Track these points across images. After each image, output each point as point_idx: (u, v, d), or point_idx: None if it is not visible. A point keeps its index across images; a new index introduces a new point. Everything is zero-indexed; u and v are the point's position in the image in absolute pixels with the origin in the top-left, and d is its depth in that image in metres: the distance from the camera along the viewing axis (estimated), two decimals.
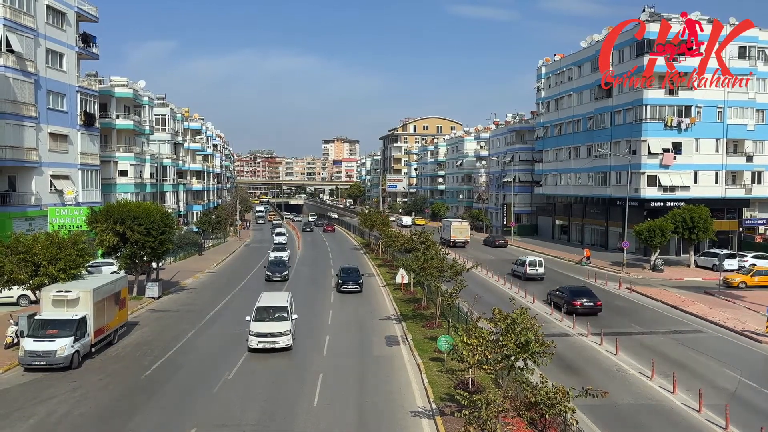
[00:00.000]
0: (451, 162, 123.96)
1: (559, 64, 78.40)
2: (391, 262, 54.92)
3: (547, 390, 16.53)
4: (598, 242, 70.24)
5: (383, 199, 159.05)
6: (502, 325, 18.32)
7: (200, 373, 24.35)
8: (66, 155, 47.71)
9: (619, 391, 22.70)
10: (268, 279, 46.85)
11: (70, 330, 24.76)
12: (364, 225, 74.75)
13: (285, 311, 28.48)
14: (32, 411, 20.16)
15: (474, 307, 30.74)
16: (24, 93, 42.70)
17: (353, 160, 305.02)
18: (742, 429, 19.41)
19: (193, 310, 36.61)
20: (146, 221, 37.37)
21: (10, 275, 28.82)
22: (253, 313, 28.03)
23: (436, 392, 21.74)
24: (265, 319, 27.74)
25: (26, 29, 43.04)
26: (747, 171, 62.90)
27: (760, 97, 62.06)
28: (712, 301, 39.92)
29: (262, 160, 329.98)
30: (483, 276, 49.81)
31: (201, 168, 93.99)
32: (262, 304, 29.09)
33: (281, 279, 46.89)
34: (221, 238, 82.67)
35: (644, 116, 59.89)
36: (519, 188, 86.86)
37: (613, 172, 65.28)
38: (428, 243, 38.88)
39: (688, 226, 50.97)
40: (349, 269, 45.23)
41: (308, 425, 19.27)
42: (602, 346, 29.01)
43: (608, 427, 19.55)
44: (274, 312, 28.35)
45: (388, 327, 32.61)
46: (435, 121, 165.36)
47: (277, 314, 28.21)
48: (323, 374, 24.09)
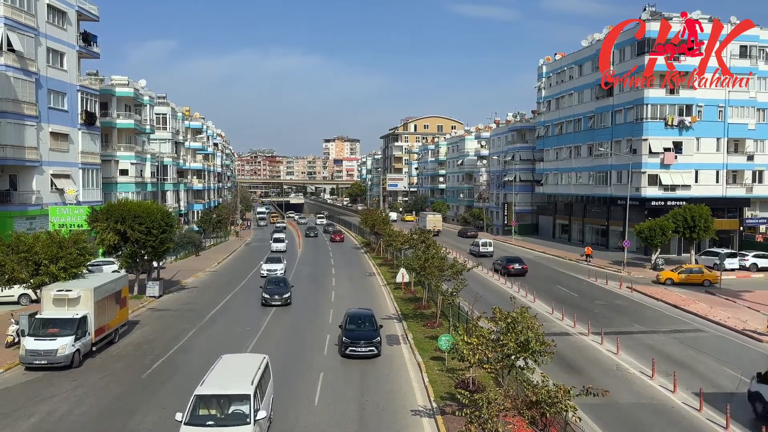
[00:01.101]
0: (451, 161, 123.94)
1: (559, 63, 78.35)
2: (392, 262, 54.92)
3: (548, 389, 16.53)
4: (598, 241, 70.21)
5: (384, 198, 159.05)
6: (503, 324, 18.32)
7: (201, 373, 24.18)
8: (67, 154, 47.72)
9: (620, 390, 22.70)
10: (266, 303, 37.06)
11: (70, 329, 24.78)
12: (365, 224, 74.77)
13: (242, 403, 16.16)
14: (33, 410, 20.18)
15: (474, 306, 30.74)
16: (25, 92, 42.71)
17: (354, 160, 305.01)
18: (743, 428, 19.41)
19: (194, 309, 36.63)
20: (147, 220, 37.37)
21: (11, 274, 28.86)
22: (188, 409, 16.19)
23: (436, 391, 21.75)
24: (206, 424, 15.86)
25: (27, 28, 43.04)
26: (748, 170, 62.86)
27: (761, 96, 61.98)
28: (713, 300, 39.92)
29: (263, 159, 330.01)
30: (483, 275, 49.82)
31: (202, 167, 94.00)
32: (206, 390, 16.70)
33: (282, 303, 37.17)
34: (222, 237, 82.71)
35: (645, 115, 59.85)
36: (520, 187, 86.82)
37: (614, 172, 65.25)
38: (428, 242, 38.84)
39: (688, 226, 50.96)
40: (360, 316, 28.40)
41: (309, 424, 19.28)
42: (603, 345, 29.01)
43: (609, 426, 19.56)
44: (224, 406, 16.28)
45: (389, 326, 32.60)
46: (436, 120, 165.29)
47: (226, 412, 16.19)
48: (324, 373, 24.10)
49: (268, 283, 38.89)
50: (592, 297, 41.62)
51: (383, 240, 60.55)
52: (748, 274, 50.29)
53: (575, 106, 73.78)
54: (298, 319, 34.27)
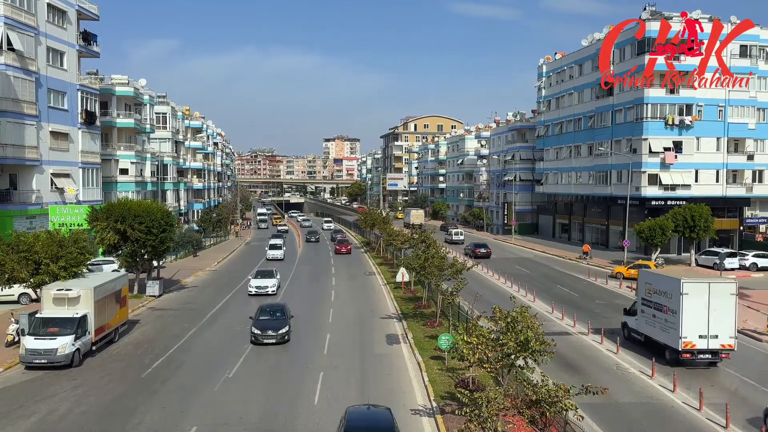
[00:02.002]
0: (451, 160, 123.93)
1: (560, 62, 78.32)
2: (392, 261, 54.94)
3: (548, 388, 16.55)
4: (598, 241, 70.21)
5: (384, 198, 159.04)
6: (503, 323, 18.33)
7: (201, 372, 24.37)
8: (67, 153, 47.73)
9: (620, 389, 22.71)
10: (257, 341, 28.07)
11: (71, 328, 24.80)
12: (365, 224, 74.78)
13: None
14: (33, 409, 20.19)
15: (474, 305, 30.77)
16: (25, 91, 42.72)
17: (354, 159, 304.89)
18: (743, 428, 19.42)
19: (194, 309, 36.64)
20: (147, 220, 37.38)
21: (11, 273, 28.85)
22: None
23: (436, 390, 21.75)
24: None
25: (27, 27, 43.04)
26: (748, 170, 62.83)
27: (762, 95, 61.94)
28: None
29: (263, 159, 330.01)
30: (483, 274, 49.84)
31: (202, 166, 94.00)
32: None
33: (277, 341, 28.11)
34: (222, 236, 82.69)
35: (645, 115, 59.83)
36: (520, 187, 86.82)
37: (614, 171, 65.25)
38: (428, 241, 38.83)
39: (688, 225, 50.97)
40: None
41: (309, 423, 19.30)
42: (603, 344, 29.01)
43: (609, 425, 19.56)
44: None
45: (389, 325, 32.62)
46: (436, 120, 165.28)
47: None
48: (324, 372, 24.10)
49: (261, 313, 29.62)
50: (592, 296, 41.62)
51: (383, 239, 60.57)
52: (748, 274, 50.27)
53: (575, 106, 73.76)
54: (298, 318, 34.17)
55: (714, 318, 24.83)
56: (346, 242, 69.97)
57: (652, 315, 27.15)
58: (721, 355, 25.18)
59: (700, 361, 25.26)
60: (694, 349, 24.87)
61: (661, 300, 26.42)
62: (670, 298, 25.71)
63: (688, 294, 24.85)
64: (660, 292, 26.58)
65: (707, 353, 25.05)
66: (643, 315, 28.07)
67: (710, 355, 25.14)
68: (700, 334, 24.79)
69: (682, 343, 24.83)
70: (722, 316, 24.89)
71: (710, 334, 24.79)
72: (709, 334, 24.79)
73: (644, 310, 27.98)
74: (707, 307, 24.85)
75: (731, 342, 24.92)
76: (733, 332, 25.05)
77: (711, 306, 24.85)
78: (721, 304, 24.93)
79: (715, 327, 24.82)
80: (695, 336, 24.80)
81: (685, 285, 24.92)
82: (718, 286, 25.32)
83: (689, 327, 24.79)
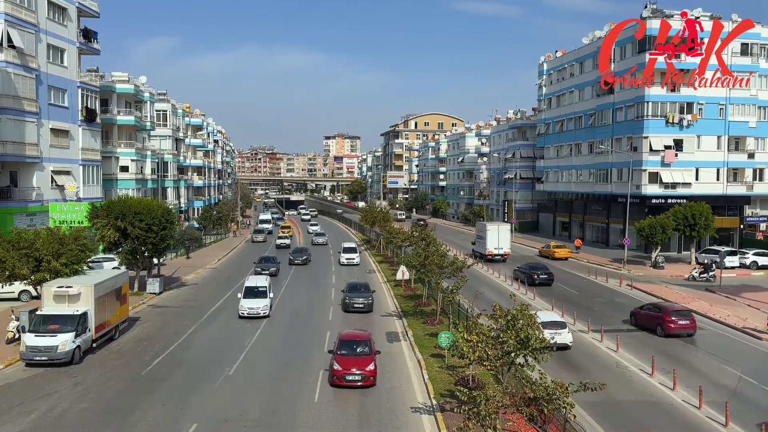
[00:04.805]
0: (452, 158, 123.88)
1: (560, 60, 78.22)
2: (392, 259, 54.95)
3: (545, 385, 16.57)
4: (599, 239, 70.23)
5: (384, 196, 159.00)
6: (503, 321, 18.36)
7: (201, 369, 24.40)
8: (67, 151, 47.74)
9: (620, 387, 22.74)
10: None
11: (71, 325, 24.82)
12: (365, 222, 74.75)
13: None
14: (34, 406, 20.22)
15: (474, 303, 30.80)
16: (25, 88, 42.71)
17: (354, 157, 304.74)
18: (743, 426, 19.44)
19: (194, 306, 36.67)
20: (147, 217, 37.39)
21: (11, 270, 28.87)
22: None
23: (436, 388, 21.78)
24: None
25: (27, 24, 43.02)
26: (748, 168, 62.80)
27: (762, 94, 61.90)
28: (713, 298, 39.93)
29: (263, 156, 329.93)
30: (484, 272, 49.86)
31: (202, 164, 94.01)
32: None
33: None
34: (222, 234, 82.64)
35: (646, 113, 59.77)
36: (520, 185, 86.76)
37: (615, 169, 65.22)
38: (429, 239, 38.88)
39: (689, 223, 50.97)
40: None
41: (309, 421, 19.33)
42: (603, 342, 29.04)
43: (609, 423, 19.59)
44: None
45: (389, 323, 32.65)
46: (436, 118, 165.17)
47: None
48: (324, 370, 24.12)
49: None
50: (592, 294, 41.64)
51: (383, 237, 60.54)
52: (748, 272, 50.28)
53: (576, 104, 73.70)
54: (298, 316, 34.28)
55: (500, 240, 56.26)
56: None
57: (479, 239, 58.44)
58: (504, 257, 55.91)
59: (497, 259, 55.50)
60: (493, 254, 55.48)
61: (480, 234, 58.40)
62: (483, 232, 56.61)
63: (489, 230, 56.25)
64: (481, 230, 58.30)
65: (498, 256, 55.64)
66: (477, 242, 59.92)
67: (500, 257, 55.66)
68: (495, 247, 55.92)
69: (487, 252, 55.50)
70: (504, 239, 56.46)
71: (499, 246, 55.96)
72: (499, 246, 55.95)
73: (476, 241, 60.60)
74: (498, 235, 56.25)
75: (508, 251, 56.72)
76: (508, 247, 57.09)
77: (500, 235, 56.32)
78: (503, 234, 56.61)
79: (501, 244, 56.22)
80: (492, 248, 55.90)
81: (487, 225, 57.22)
82: (502, 226, 58.47)
83: (490, 244, 55.93)
